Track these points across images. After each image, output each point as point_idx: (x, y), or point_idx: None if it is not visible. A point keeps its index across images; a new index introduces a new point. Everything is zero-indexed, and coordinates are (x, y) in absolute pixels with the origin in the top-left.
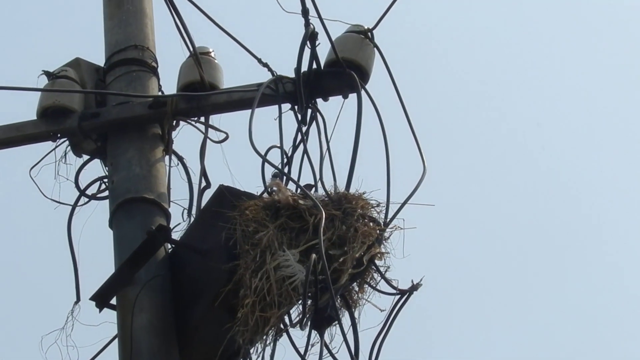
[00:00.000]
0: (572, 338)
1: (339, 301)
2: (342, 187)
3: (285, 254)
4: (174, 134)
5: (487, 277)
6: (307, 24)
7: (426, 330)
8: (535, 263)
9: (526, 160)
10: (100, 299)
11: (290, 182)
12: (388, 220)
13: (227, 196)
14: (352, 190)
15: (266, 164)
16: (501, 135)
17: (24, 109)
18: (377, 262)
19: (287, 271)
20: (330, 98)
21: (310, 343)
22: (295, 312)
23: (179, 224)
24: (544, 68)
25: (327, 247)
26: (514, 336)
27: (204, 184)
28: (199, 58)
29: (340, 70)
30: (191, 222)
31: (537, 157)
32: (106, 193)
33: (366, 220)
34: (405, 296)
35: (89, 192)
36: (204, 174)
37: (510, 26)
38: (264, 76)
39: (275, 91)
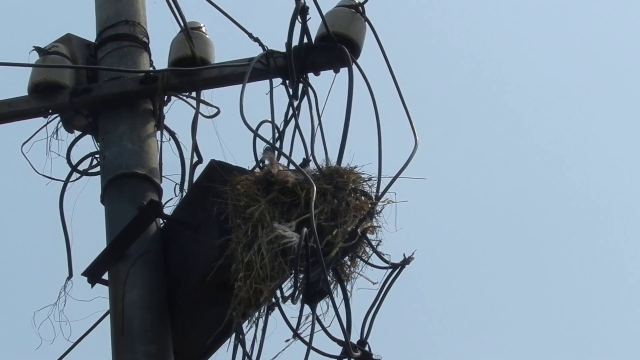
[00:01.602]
0: (567, 313)
1: (330, 275)
2: (333, 161)
3: (282, 224)
4: (165, 109)
5: (479, 250)
6: None
7: (418, 304)
8: (529, 235)
9: (519, 132)
10: (92, 274)
11: (281, 156)
12: (380, 194)
13: (219, 171)
14: (343, 164)
15: (258, 138)
16: (493, 109)
17: (15, 85)
18: (369, 235)
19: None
20: (322, 72)
21: (303, 317)
22: (287, 286)
23: (171, 199)
24: (540, 42)
25: (320, 220)
26: (506, 309)
27: (195, 159)
28: (190, 33)
29: (331, 44)
30: (183, 197)
31: (531, 130)
32: (98, 169)
33: (358, 194)
34: (397, 270)
35: (81, 167)
36: (195, 149)
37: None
38: (255, 51)
39: (266, 66)
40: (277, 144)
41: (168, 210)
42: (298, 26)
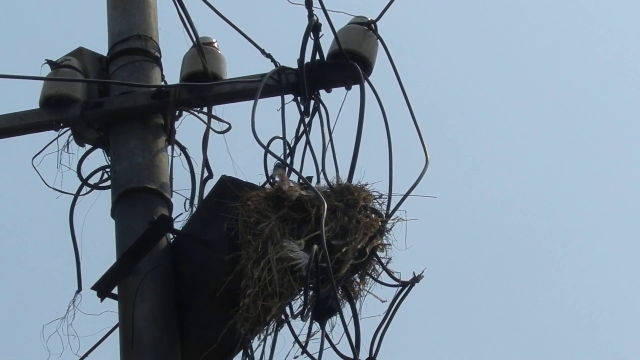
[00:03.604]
0: (573, 334)
1: (340, 292)
2: (344, 179)
3: (291, 243)
4: (176, 124)
5: (488, 268)
6: (311, 15)
7: (428, 322)
8: (537, 256)
9: (529, 151)
10: (102, 288)
11: (292, 173)
12: (390, 211)
13: (229, 187)
14: (354, 182)
15: (268, 154)
16: (503, 128)
17: (27, 98)
18: (378, 253)
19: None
20: (333, 89)
21: (311, 334)
22: (296, 303)
23: (181, 214)
24: (548, 62)
25: (330, 237)
26: (514, 329)
27: (206, 174)
28: (202, 48)
29: (343, 61)
30: (193, 212)
31: (539, 151)
32: (108, 183)
33: (368, 212)
34: (407, 288)
35: (91, 181)
36: (206, 164)
37: (514, 18)
38: (267, 67)
39: (278, 82)
40: (288, 161)
41: (178, 225)
42: (311, 43)
